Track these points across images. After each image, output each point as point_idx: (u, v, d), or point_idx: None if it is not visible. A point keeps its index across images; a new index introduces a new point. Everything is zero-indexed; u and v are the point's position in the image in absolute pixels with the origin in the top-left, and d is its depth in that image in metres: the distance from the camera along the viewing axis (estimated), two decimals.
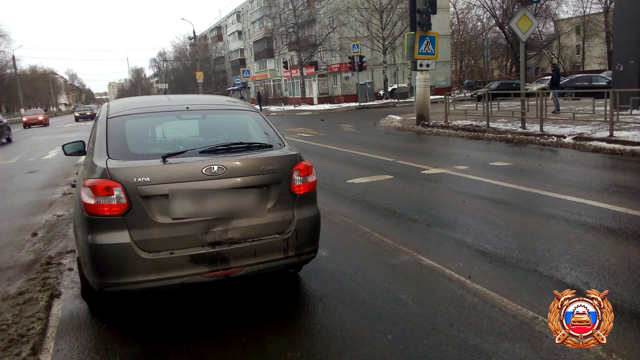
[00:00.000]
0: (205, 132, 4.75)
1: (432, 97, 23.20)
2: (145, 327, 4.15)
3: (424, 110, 20.48)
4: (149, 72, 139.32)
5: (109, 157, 3.78)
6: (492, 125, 17.04)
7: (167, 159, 3.78)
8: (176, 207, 3.70)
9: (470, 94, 37.84)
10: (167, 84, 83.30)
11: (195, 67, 67.05)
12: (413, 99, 24.70)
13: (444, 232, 6.18)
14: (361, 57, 41.37)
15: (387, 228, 6.50)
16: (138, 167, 3.71)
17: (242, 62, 78.28)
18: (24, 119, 49.51)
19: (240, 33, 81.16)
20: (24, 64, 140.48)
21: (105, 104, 4.83)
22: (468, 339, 3.68)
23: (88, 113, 56.34)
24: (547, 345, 3.52)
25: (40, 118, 48.97)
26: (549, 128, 15.20)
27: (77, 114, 57.78)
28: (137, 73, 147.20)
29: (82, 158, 5.00)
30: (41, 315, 4.42)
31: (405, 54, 23.28)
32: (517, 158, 11.70)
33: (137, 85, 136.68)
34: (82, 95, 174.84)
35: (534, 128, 15.39)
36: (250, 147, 4.18)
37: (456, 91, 52.69)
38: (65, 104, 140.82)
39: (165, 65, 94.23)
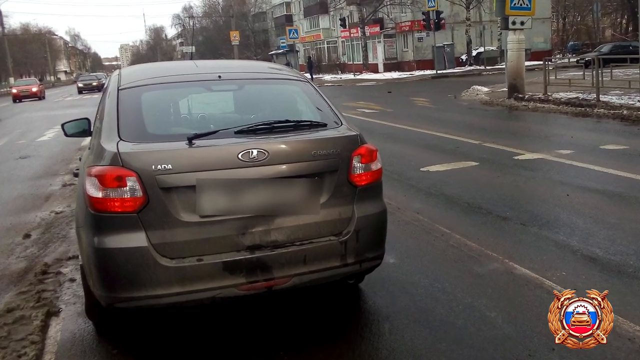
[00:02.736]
0: (241, 107, 4.73)
1: (527, 63, 22.77)
2: (166, 353, 4.14)
3: (517, 80, 20.11)
4: (171, 31, 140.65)
5: (121, 139, 3.72)
6: (603, 98, 16.59)
7: (193, 141, 3.71)
8: (205, 201, 3.65)
9: (575, 59, 36.85)
10: (193, 47, 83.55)
11: (229, 26, 67.58)
12: (503, 66, 24.24)
13: (543, 233, 6.09)
14: (438, 12, 40.83)
15: (470, 228, 6.43)
16: (157, 151, 3.67)
17: (289, 19, 78.42)
18: (14, 90, 50.29)
19: None
20: (13, 22, 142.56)
21: (116, 72, 4.82)
22: None
23: (94, 83, 56.46)
24: None
25: (34, 89, 49.37)
26: None
27: (80, 85, 58.30)
28: (156, 33, 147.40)
29: (87, 140, 5.05)
30: (35, 337, 4.31)
31: (494, 9, 22.83)
32: (635, 140, 11.45)
33: (156, 49, 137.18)
34: (86, 60, 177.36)
35: None
36: (298, 126, 4.11)
37: (558, 56, 51.55)
38: (65, 72, 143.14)
39: (191, 24, 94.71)
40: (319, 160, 3.90)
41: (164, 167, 3.55)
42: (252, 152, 3.70)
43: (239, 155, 3.68)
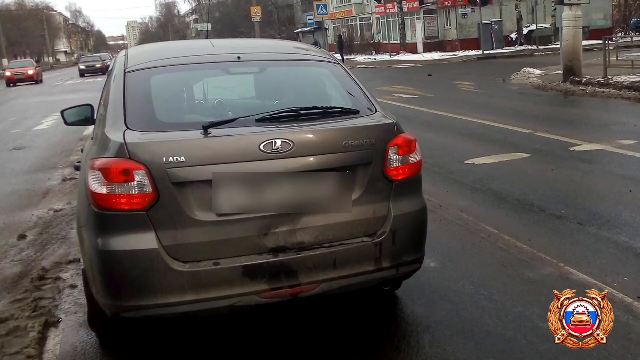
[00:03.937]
0: (264, 92, 4.72)
1: (585, 42, 22.47)
2: None
3: (573, 62, 19.89)
4: (184, 7, 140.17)
5: (128, 128, 3.69)
6: None
7: (210, 131, 3.67)
8: (223, 198, 3.62)
9: (639, 39, 36.37)
10: (210, 24, 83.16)
11: (249, 1, 67.21)
12: (558, 46, 24.02)
13: (602, 234, 6.05)
14: None
15: (521, 228, 6.40)
16: (169, 141, 3.64)
17: None
18: (8, 73, 50.36)
19: None
20: None
21: (123, 52, 4.84)
22: None
23: (98, 65, 56.47)
24: None
25: (31, 72, 49.50)
26: None
27: (82, 67, 58.28)
28: (168, 9, 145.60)
29: (90, 129, 5.04)
30: (32, 351, 4.26)
31: None
32: None
33: (167, 26, 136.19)
34: (89, 40, 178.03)
35: None
36: (327, 113, 4.08)
37: (619, 34, 50.79)
38: (65, 53, 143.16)
39: None
40: (350, 152, 3.86)
41: (177, 159, 3.51)
42: (275, 142, 3.66)
43: (261, 146, 3.64)
